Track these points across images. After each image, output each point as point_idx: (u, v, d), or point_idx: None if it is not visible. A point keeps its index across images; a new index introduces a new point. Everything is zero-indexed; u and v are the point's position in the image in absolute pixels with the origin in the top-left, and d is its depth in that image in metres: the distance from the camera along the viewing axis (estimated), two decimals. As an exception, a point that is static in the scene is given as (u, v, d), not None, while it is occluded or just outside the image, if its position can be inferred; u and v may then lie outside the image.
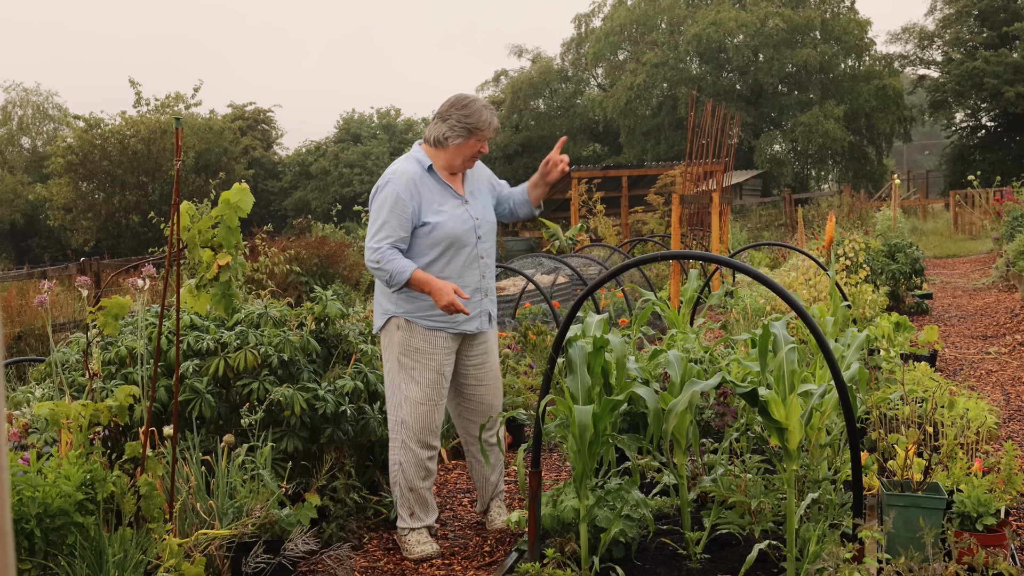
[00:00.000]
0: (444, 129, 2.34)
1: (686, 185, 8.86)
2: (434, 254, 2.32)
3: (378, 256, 2.26)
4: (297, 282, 6.99)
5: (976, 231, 13.87)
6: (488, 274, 2.42)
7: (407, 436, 2.33)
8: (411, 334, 2.32)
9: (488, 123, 2.34)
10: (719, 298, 2.95)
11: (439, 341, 2.33)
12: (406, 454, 2.34)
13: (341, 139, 27.76)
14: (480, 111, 2.33)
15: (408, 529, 2.38)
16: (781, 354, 1.92)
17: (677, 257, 2.01)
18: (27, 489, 1.76)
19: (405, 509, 2.37)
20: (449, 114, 2.34)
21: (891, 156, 28.73)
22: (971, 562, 1.90)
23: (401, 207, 2.27)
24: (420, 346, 2.32)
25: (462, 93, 2.38)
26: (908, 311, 6.39)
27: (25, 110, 29.58)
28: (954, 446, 2.45)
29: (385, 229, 2.27)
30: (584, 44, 26.15)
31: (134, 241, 19.01)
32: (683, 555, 2.15)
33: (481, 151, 2.36)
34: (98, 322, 2.02)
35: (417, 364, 2.32)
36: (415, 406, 2.32)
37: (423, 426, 2.34)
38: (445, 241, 2.32)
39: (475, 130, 2.32)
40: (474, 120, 2.32)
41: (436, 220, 2.30)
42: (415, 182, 2.30)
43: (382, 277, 2.28)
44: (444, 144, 2.34)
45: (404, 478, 2.35)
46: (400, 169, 2.33)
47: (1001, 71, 20.97)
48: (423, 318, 2.32)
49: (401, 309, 2.33)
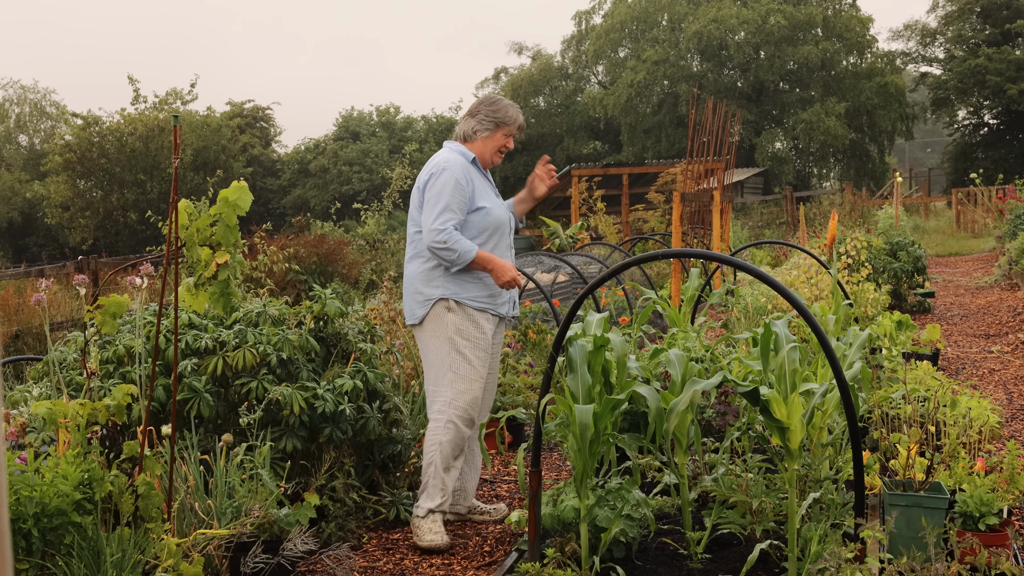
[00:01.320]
0: (473, 123, 2.52)
1: (687, 183, 8.84)
2: (483, 238, 2.47)
3: (444, 237, 2.38)
4: (296, 280, 6.98)
5: (978, 229, 13.84)
6: (516, 264, 2.65)
7: (454, 414, 2.43)
8: (463, 315, 2.45)
9: (514, 119, 2.53)
10: (720, 297, 2.94)
11: (484, 322, 2.48)
12: (449, 432, 2.43)
13: (340, 137, 27.72)
14: (507, 107, 2.54)
15: (428, 511, 2.42)
16: (783, 353, 1.90)
17: (678, 255, 2.00)
18: (24, 489, 1.75)
19: (436, 489, 2.43)
20: (478, 110, 2.54)
21: (893, 154, 28.67)
22: (974, 562, 1.89)
23: (460, 192, 2.42)
24: (471, 328, 2.45)
25: (492, 94, 2.70)
26: (910, 310, 6.37)
27: (23, 107, 29.55)
28: (956, 445, 2.44)
29: (448, 212, 2.40)
30: (584, 41, 26.09)
31: (132, 239, 19.00)
32: (684, 555, 2.15)
33: (507, 146, 2.54)
34: (96, 321, 2.01)
35: (470, 342, 2.45)
36: (469, 383, 2.44)
37: (470, 402, 2.45)
38: (492, 227, 2.48)
39: (502, 124, 2.51)
40: (501, 115, 2.51)
41: (487, 205, 2.48)
42: (467, 170, 2.48)
43: (448, 256, 2.39)
44: (473, 138, 2.52)
45: (442, 457, 2.43)
46: (452, 158, 2.48)
47: (1004, 68, 20.91)
48: (470, 300, 2.45)
49: (450, 292, 2.44)
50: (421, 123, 28.55)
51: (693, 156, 8.94)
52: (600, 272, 6.35)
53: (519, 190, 2.71)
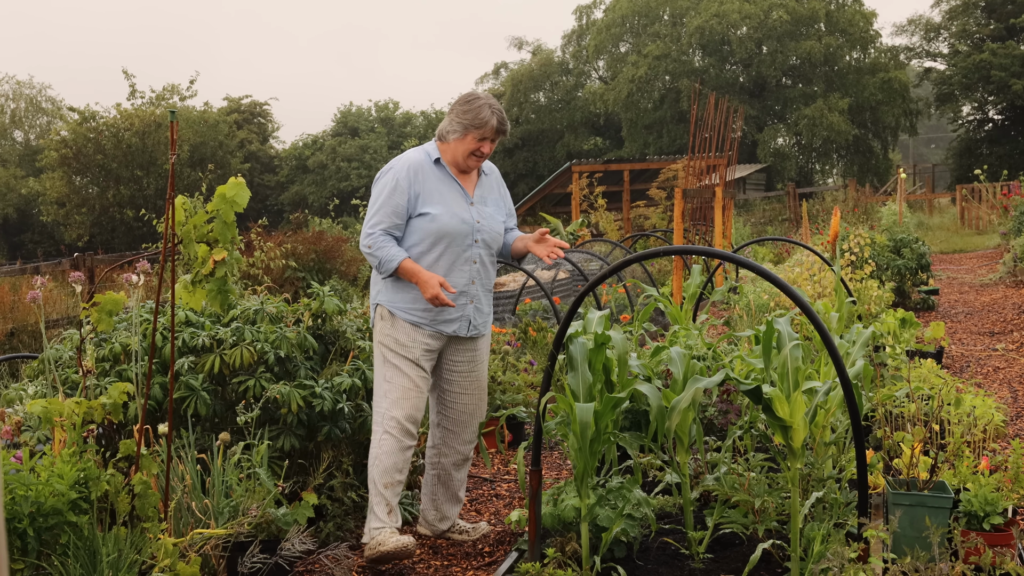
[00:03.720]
0: (447, 124, 2.38)
1: (689, 179, 8.80)
2: (425, 245, 2.32)
3: (371, 241, 2.29)
4: (294, 278, 6.96)
5: (983, 226, 13.77)
6: (479, 281, 2.38)
7: (389, 425, 2.29)
8: (393, 325, 2.32)
9: (484, 122, 2.32)
10: (722, 294, 2.92)
11: (419, 336, 2.32)
12: (384, 445, 2.29)
13: (338, 133, 27.65)
14: (480, 109, 2.33)
15: (378, 528, 2.26)
16: (785, 351, 1.88)
17: (680, 252, 1.98)
18: (20, 488, 1.74)
19: (381, 507, 2.27)
20: (453, 109, 2.39)
21: (897, 150, 28.55)
22: (978, 562, 1.87)
23: (399, 194, 2.29)
24: (400, 338, 2.32)
25: (473, 91, 2.43)
26: (914, 307, 6.33)
27: (18, 103, 29.48)
28: (961, 444, 2.42)
29: (380, 215, 2.30)
30: (585, 36, 25.99)
31: (128, 236, 18.96)
32: (686, 555, 2.13)
33: (481, 150, 2.35)
34: (92, 318, 1.99)
35: (397, 355, 2.32)
36: (401, 392, 2.30)
37: (406, 415, 2.30)
38: (437, 234, 2.30)
39: (470, 128, 2.32)
40: (470, 117, 2.33)
41: (434, 211, 2.31)
42: (416, 171, 2.32)
43: (373, 263, 2.31)
44: (446, 139, 2.38)
45: (380, 471, 2.28)
46: (406, 157, 2.36)
47: (1008, 63, 20.79)
48: (403, 311, 2.32)
49: (385, 298, 2.35)
50: (420, 119, 28.48)
51: (695, 152, 8.90)
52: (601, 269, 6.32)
53: (518, 186, 2.64)
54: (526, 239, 2.45)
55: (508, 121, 2.39)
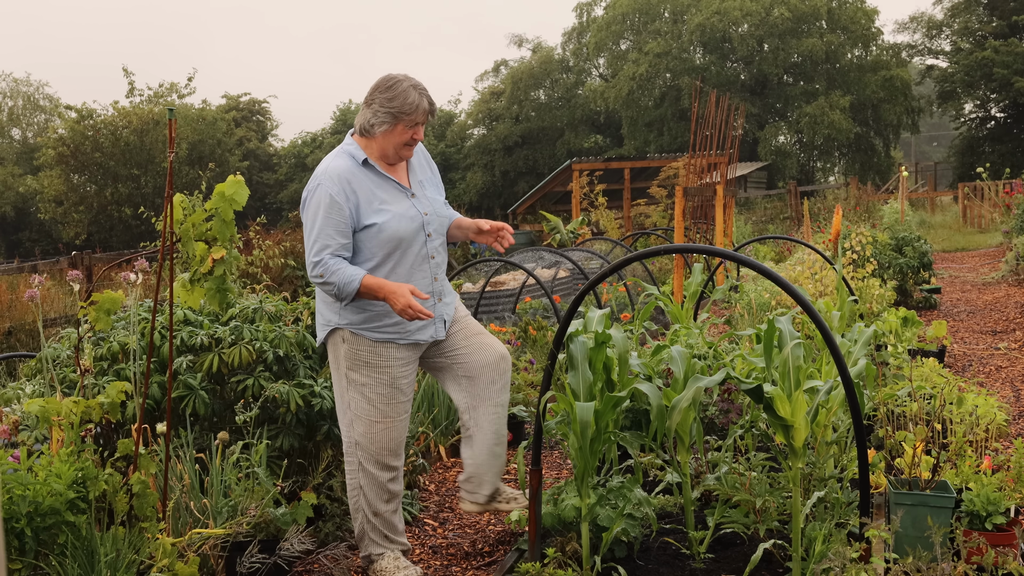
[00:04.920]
0: (369, 115, 2.07)
1: (689, 177, 8.78)
2: (378, 258, 2.06)
3: (320, 270, 2.00)
4: (293, 276, 6.94)
5: (985, 224, 13.74)
6: (440, 275, 2.17)
7: (363, 458, 2.10)
8: (358, 347, 2.06)
9: (415, 106, 2.03)
10: (723, 293, 2.90)
11: (390, 352, 2.08)
12: (365, 477, 2.10)
13: (338, 131, 27.62)
14: (406, 92, 2.03)
15: (380, 554, 2.12)
16: (786, 350, 1.87)
17: (681, 251, 1.96)
18: (17, 487, 1.73)
19: (376, 533, 2.12)
20: (373, 98, 2.06)
21: (899, 148, 28.49)
22: (980, 562, 1.86)
23: (336, 212, 2.01)
24: (369, 360, 2.07)
25: (389, 74, 2.08)
26: (916, 306, 6.32)
27: (15, 101, 29.47)
28: (963, 443, 2.41)
29: (323, 238, 2.01)
30: (586, 33, 25.94)
31: (126, 234, 18.93)
32: (686, 555, 2.12)
33: (415, 138, 2.08)
34: (90, 317, 1.98)
35: (368, 380, 2.07)
36: (369, 425, 2.07)
37: (380, 447, 2.09)
38: (388, 243, 2.05)
39: (401, 115, 2.04)
40: (398, 104, 2.03)
41: (380, 220, 2.04)
42: (348, 180, 2.04)
43: (330, 291, 2.03)
44: (371, 133, 2.07)
45: (366, 502, 2.11)
46: (331, 168, 2.05)
47: (1011, 61, 20.72)
48: (370, 330, 2.06)
49: (345, 320, 2.07)
50: (419, 115, 28.38)
51: (696, 150, 8.88)
52: (601, 268, 6.31)
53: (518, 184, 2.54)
54: (465, 229, 2.22)
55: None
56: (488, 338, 2.22)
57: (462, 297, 4.89)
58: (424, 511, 2.74)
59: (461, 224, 2.25)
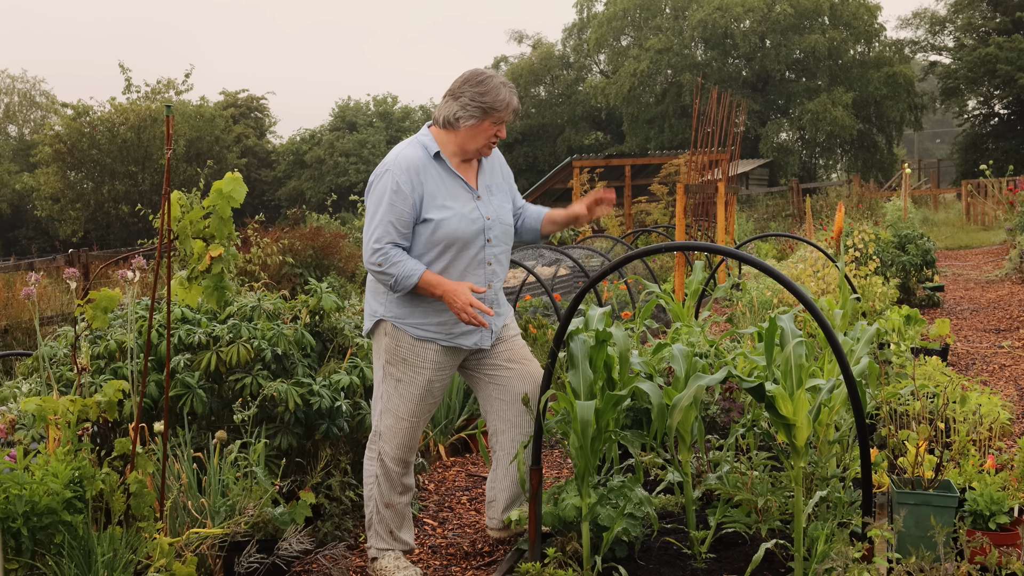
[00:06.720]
0: (456, 108, 2.04)
1: (691, 174, 8.75)
2: (432, 254, 2.04)
3: (380, 258, 2.00)
4: (291, 274, 6.92)
5: (989, 221, 13.70)
6: (496, 284, 2.12)
7: (383, 448, 2.13)
8: (398, 342, 2.07)
9: (506, 103, 2.04)
10: (725, 291, 2.88)
11: (429, 354, 2.07)
12: (382, 468, 2.14)
13: (336, 127, 27.59)
14: (497, 88, 2.03)
15: (384, 551, 2.14)
16: (788, 348, 1.86)
17: (682, 248, 1.95)
18: (14, 487, 1.72)
19: (383, 527, 2.13)
20: (462, 91, 2.05)
21: (901, 145, 28.44)
22: (984, 562, 1.85)
23: (401, 201, 2.00)
24: (407, 357, 2.07)
25: (477, 68, 2.11)
26: (919, 304, 6.29)
27: (11, 97, 29.46)
28: (966, 442, 2.39)
29: (384, 226, 2.00)
30: (586, 29, 25.88)
31: (123, 232, 18.94)
32: (688, 554, 2.11)
33: (498, 135, 2.08)
34: (86, 315, 1.97)
35: (404, 376, 2.08)
36: (396, 420, 2.10)
37: (400, 442, 2.11)
38: (445, 241, 2.04)
39: (491, 110, 2.03)
40: (490, 99, 2.02)
41: (439, 217, 2.02)
42: (417, 171, 2.03)
43: (385, 281, 2.02)
44: (455, 126, 2.05)
45: (380, 492, 2.13)
46: (401, 156, 2.05)
47: (1014, 57, 20.64)
48: (412, 326, 2.06)
49: (391, 313, 2.08)
50: (419, 113, 28.41)
51: (697, 147, 8.85)
52: (602, 265, 6.29)
53: (518, 181, 2.50)
54: (560, 223, 2.19)
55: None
56: (533, 366, 2.21)
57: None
58: (424, 511, 2.73)
59: (555, 219, 2.21)
